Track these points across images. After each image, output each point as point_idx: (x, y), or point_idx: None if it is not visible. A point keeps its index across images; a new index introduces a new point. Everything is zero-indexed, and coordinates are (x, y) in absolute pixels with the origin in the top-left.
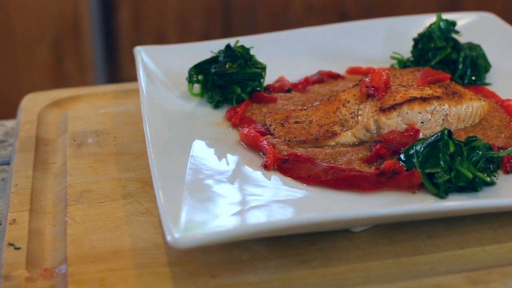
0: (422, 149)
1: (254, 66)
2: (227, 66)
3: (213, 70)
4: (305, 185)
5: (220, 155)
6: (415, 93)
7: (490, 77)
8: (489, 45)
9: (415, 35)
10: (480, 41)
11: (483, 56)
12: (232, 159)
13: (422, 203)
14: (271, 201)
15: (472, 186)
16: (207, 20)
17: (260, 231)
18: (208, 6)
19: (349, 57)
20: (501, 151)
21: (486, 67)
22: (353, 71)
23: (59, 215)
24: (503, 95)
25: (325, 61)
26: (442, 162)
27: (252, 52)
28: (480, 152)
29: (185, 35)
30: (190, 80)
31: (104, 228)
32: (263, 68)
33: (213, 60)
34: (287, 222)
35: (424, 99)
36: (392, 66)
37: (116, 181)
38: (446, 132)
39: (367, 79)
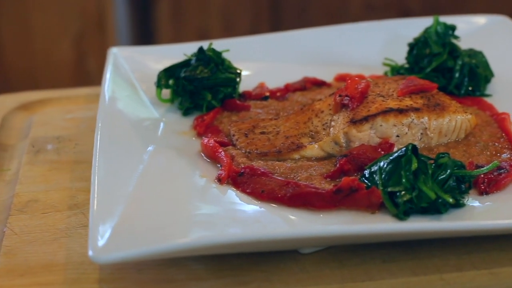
0: (385, 165)
1: (227, 71)
2: (198, 70)
3: (182, 74)
4: (259, 201)
5: (175, 166)
6: (392, 103)
7: (492, 87)
8: (499, 51)
9: None
10: (489, 46)
11: (484, 64)
12: (186, 171)
13: (372, 224)
14: (216, 217)
15: (435, 208)
16: (254, 16)
17: (188, 249)
18: (256, 0)
19: (342, 62)
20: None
21: (487, 76)
22: (341, 78)
23: None
24: (503, 108)
25: (315, 66)
26: (404, 180)
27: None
28: (448, 171)
29: (230, 33)
30: (159, 85)
31: (42, 240)
32: (238, 73)
33: (185, 64)
34: (214, 240)
35: (400, 111)
36: (385, 73)
37: (66, 190)
38: (410, 147)
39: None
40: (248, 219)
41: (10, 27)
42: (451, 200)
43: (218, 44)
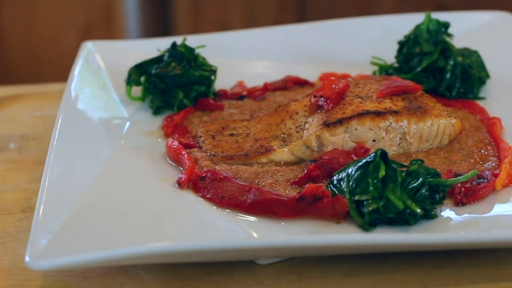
0: (353, 172)
1: (200, 68)
2: (170, 67)
3: (154, 71)
4: (219, 207)
5: (135, 169)
6: (370, 105)
7: (488, 90)
8: (499, 51)
9: None
10: (489, 45)
11: (479, 65)
12: (147, 173)
13: (333, 234)
14: (170, 224)
15: (403, 218)
16: (278, 8)
17: (134, 257)
18: None
19: (330, 60)
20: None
21: (481, 78)
22: (326, 77)
23: None
24: (496, 112)
25: (302, 64)
26: (371, 188)
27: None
28: (420, 179)
29: (252, 26)
30: (129, 82)
31: None
32: (212, 70)
33: (157, 60)
34: (163, 248)
35: (377, 114)
36: (374, 72)
37: (22, 192)
38: (379, 152)
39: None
40: (204, 226)
41: (13, 17)
42: (419, 210)
43: (199, 40)
